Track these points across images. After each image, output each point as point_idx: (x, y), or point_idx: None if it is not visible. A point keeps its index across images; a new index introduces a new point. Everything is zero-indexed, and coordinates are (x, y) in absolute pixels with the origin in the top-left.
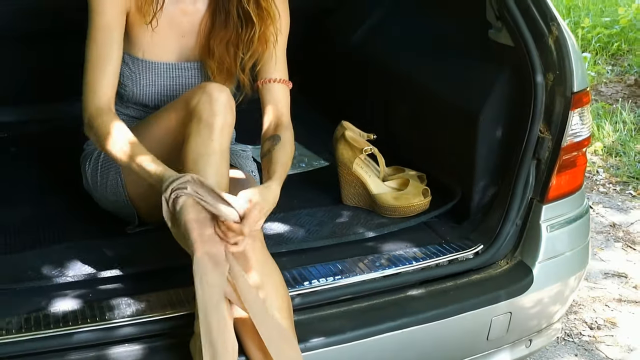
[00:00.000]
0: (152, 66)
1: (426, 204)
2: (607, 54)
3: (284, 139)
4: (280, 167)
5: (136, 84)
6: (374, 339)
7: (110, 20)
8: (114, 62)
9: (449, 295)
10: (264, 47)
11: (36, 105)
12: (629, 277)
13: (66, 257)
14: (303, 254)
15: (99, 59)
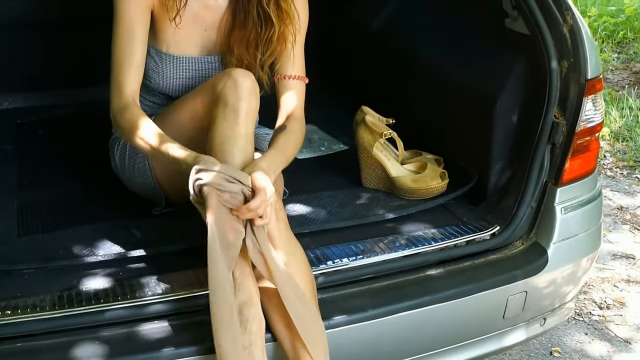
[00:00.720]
0: (176, 60)
1: (444, 186)
2: (613, 42)
3: (289, 128)
4: (275, 150)
5: (161, 76)
6: (394, 316)
7: (133, 19)
8: (138, 59)
9: (467, 275)
10: (282, 46)
11: (65, 90)
12: (636, 259)
13: (96, 237)
14: (325, 235)
15: (123, 57)
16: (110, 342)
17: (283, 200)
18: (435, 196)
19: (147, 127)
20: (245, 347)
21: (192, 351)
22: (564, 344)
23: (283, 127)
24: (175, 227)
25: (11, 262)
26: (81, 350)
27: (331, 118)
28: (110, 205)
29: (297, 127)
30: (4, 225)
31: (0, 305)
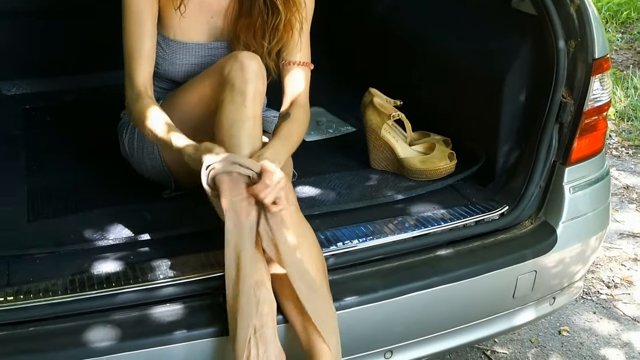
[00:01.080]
0: (183, 46)
1: (452, 167)
2: (616, 22)
3: (293, 115)
4: (278, 140)
5: (168, 62)
6: (404, 297)
7: (141, 10)
8: (148, 49)
9: (476, 255)
10: (289, 34)
11: (72, 75)
12: None
13: (106, 220)
14: (335, 216)
15: (133, 49)
16: (122, 326)
17: (292, 182)
18: (443, 177)
19: (155, 116)
20: (257, 330)
21: (204, 333)
22: (572, 323)
23: (287, 115)
24: (185, 210)
25: (22, 247)
26: (93, 333)
27: (339, 100)
28: (120, 189)
29: (300, 114)
30: (15, 211)
31: (12, 290)
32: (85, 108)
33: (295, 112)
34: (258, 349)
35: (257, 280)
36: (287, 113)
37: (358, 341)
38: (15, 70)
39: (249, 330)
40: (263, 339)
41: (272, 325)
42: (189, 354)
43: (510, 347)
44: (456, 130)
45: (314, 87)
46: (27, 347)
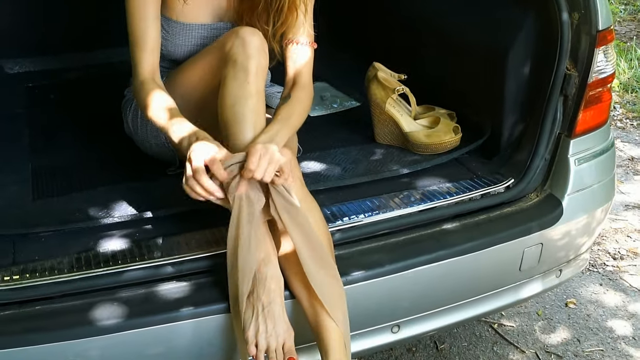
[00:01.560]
0: (185, 28)
1: (457, 140)
2: None
3: (293, 97)
4: (276, 124)
5: (171, 44)
6: (411, 271)
7: None
8: (153, 36)
9: (483, 228)
10: (293, 15)
11: (75, 53)
12: None
13: (111, 198)
14: (340, 191)
15: (138, 37)
16: (129, 303)
17: (297, 157)
18: (448, 150)
19: (157, 103)
20: (265, 306)
21: (211, 310)
22: (579, 295)
23: (287, 96)
24: None
25: (27, 226)
26: (99, 311)
27: (343, 75)
28: (125, 166)
29: (302, 96)
30: (19, 189)
31: (18, 268)
32: (89, 86)
33: (297, 94)
34: (267, 325)
35: (263, 257)
36: (288, 95)
37: (365, 316)
38: (18, 48)
39: (257, 307)
40: (271, 315)
41: (279, 302)
42: (197, 331)
43: (517, 320)
44: (461, 104)
45: (318, 62)
46: (33, 326)
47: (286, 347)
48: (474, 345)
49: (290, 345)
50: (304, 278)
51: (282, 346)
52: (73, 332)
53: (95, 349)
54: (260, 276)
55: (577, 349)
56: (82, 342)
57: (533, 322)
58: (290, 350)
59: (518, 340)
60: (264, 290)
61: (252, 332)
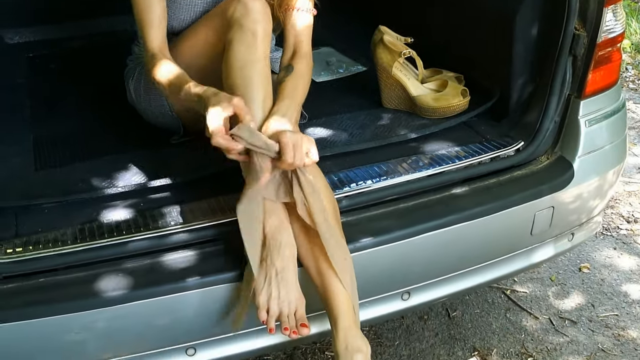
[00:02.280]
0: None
1: (465, 104)
2: None
3: (296, 69)
4: (286, 100)
5: (173, 19)
6: (421, 237)
7: None
8: (158, 16)
9: (493, 192)
10: None
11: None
12: None
13: (115, 168)
14: (347, 157)
15: (143, 15)
16: (134, 274)
17: (303, 124)
18: (457, 114)
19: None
20: (279, 272)
21: (218, 279)
22: (592, 259)
23: (289, 68)
24: (195, 155)
25: (30, 197)
26: (105, 283)
27: (348, 39)
28: (128, 136)
29: (303, 67)
30: (21, 160)
31: (21, 240)
32: (90, 55)
33: (298, 66)
34: (279, 291)
35: (277, 223)
36: (289, 65)
37: (374, 283)
38: (18, 17)
39: (271, 273)
40: (284, 281)
41: (293, 269)
42: (203, 301)
43: (530, 286)
44: (469, 67)
45: (323, 27)
46: (37, 299)
47: (298, 315)
48: (486, 312)
49: (302, 313)
50: (313, 246)
51: (294, 313)
52: (78, 304)
53: (100, 321)
54: (275, 243)
55: (591, 314)
56: (87, 314)
57: (546, 287)
58: (302, 317)
59: (531, 306)
60: (279, 257)
61: (264, 298)
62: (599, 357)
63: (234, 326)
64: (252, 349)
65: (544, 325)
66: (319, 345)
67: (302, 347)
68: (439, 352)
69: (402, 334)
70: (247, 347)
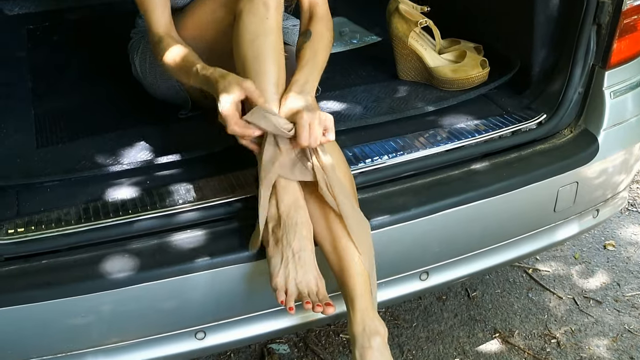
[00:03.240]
0: None
1: (485, 75)
2: None
3: (315, 33)
4: (305, 69)
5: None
6: (439, 214)
7: None
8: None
9: (514, 167)
10: None
11: None
12: None
13: (120, 144)
14: (362, 131)
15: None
16: (141, 255)
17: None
18: (476, 86)
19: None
20: (295, 252)
21: (228, 260)
22: (617, 236)
23: (307, 33)
24: (203, 130)
25: (31, 175)
26: (110, 264)
27: (362, 8)
28: (133, 110)
29: (322, 29)
30: (22, 137)
31: (23, 220)
32: (93, 27)
33: (317, 28)
34: (297, 272)
35: (292, 201)
36: (307, 30)
37: (391, 263)
38: None
39: (287, 254)
40: (302, 262)
41: (310, 248)
42: (214, 283)
43: (553, 265)
44: (488, 36)
45: None
46: (40, 281)
47: (320, 295)
48: (507, 292)
49: (323, 293)
50: (330, 224)
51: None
52: (82, 287)
53: (106, 304)
54: (290, 222)
55: (617, 293)
56: (92, 297)
57: (570, 266)
58: (324, 297)
59: (554, 286)
60: (295, 237)
61: (281, 279)
62: (625, 338)
63: (251, 247)
64: (264, 332)
65: (568, 305)
66: (334, 327)
67: (316, 330)
68: (458, 333)
69: (420, 315)
70: (259, 330)
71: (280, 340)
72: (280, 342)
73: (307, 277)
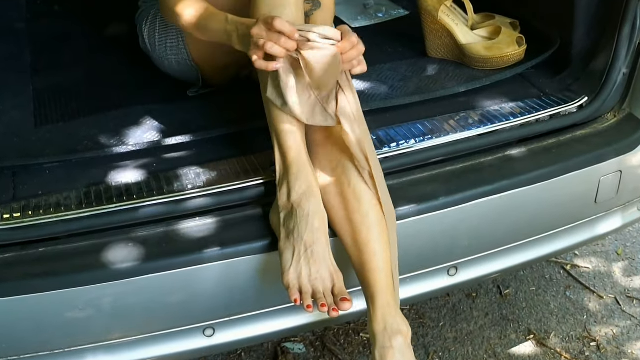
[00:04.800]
0: None
1: (521, 53)
2: None
3: (324, 3)
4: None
5: None
6: (470, 204)
7: None
8: None
9: (552, 154)
10: None
11: None
12: None
13: (125, 123)
14: (387, 113)
15: None
16: (147, 244)
17: None
18: (511, 65)
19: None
20: (308, 246)
21: (241, 250)
22: None
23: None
24: (215, 109)
25: (29, 156)
26: (113, 253)
27: None
28: (140, 87)
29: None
30: (19, 114)
31: (19, 205)
32: None
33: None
34: (310, 268)
35: (304, 189)
36: (316, 1)
37: (417, 256)
38: None
39: (299, 248)
40: (315, 256)
41: (324, 241)
42: (224, 275)
43: (594, 261)
44: (525, 11)
45: None
46: (37, 271)
47: (336, 290)
48: (543, 289)
49: (340, 287)
50: (347, 213)
51: (332, 290)
52: (82, 278)
53: (107, 297)
54: (302, 212)
55: None
56: (92, 289)
57: (612, 262)
58: (341, 292)
59: (595, 284)
60: (307, 229)
61: (293, 277)
62: None
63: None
64: (278, 330)
65: (609, 305)
66: (353, 325)
67: (334, 328)
68: (489, 334)
69: (448, 314)
70: (273, 327)
71: (295, 339)
72: (295, 340)
73: (321, 273)
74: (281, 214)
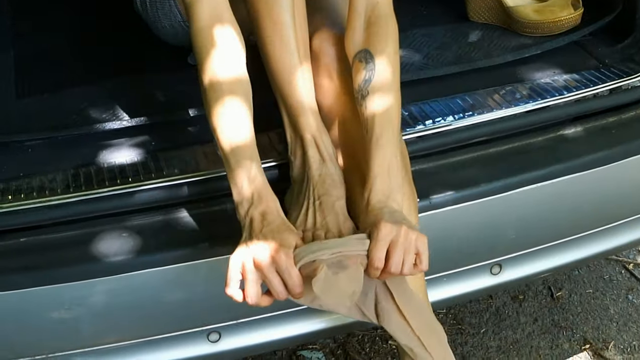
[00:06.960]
0: None
1: (577, 18)
2: None
3: (379, 61)
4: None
5: None
6: (516, 192)
7: None
8: None
9: (612, 135)
10: None
11: None
12: None
13: (118, 96)
14: (421, 85)
15: None
16: (143, 234)
17: None
18: (565, 31)
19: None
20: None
21: None
22: None
23: (368, 60)
24: None
25: (9, 132)
26: (104, 245)
27: None
28: (134, 55)
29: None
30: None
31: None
32: None
33: (381, 47)
34: (315, 218)
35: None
36: (367, 53)
37: (455, 252)
38: None
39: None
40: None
41: (335, 194)
42: None
43: None
44: None
45: None
46: (17, 264)
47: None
48: (601, 292)
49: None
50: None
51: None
52: (69, 273)
53: (98, 294)
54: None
55: None
56: (81, 285)
57: None
58: None
59: None
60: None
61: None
62: None
63: None
64: (294, 335)
65: None
66: (380, 331)
67: (359, 334)
68: (538, 343)
69: (490, 319)
70: (287, 332)
71: (313, 346)
72: (313, 348)
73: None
74: (295, 187)
